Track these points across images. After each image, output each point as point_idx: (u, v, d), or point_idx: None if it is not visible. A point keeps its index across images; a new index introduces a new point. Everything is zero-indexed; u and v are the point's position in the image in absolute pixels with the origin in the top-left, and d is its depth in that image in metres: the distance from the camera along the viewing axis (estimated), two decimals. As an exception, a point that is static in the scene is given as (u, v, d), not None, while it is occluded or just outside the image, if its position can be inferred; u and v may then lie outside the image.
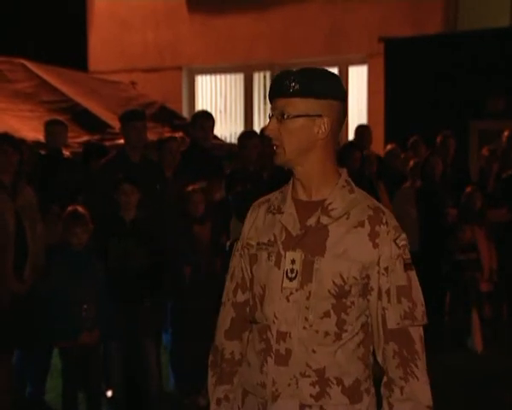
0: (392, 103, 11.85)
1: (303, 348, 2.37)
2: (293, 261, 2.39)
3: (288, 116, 2.37)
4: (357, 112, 13.64)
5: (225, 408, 2.58)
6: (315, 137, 2.39)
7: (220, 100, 15.16)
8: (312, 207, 2.43)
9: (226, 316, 2.61)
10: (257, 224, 2.54)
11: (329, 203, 2.41)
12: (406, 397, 2.35)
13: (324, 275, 2.35)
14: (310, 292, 2.36)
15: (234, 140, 13.11)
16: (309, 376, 2.37)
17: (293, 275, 2.38)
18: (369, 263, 2.36)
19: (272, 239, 2.45)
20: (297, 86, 2.35)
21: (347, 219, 2.39)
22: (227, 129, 14.52)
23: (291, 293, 2.38)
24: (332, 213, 2.40)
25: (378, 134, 10.99)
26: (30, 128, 8.32)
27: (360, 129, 8.82)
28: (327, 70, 2.46)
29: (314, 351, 2.36)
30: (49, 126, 7.22)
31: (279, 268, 2.41)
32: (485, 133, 11.28)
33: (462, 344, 7.43)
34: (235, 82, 14.98)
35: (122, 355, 5.69)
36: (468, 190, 7.70)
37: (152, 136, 7.17)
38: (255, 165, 6.93)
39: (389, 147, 8.81)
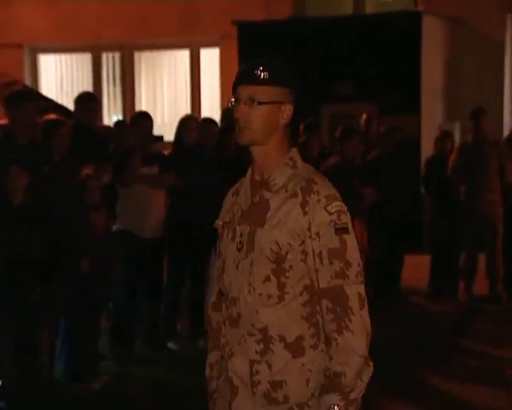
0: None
1: (248, 310, 2.65)
2: (241, 234, 2.69)
3: (258, 102, 2.66)
4: (210, 94, 13.74)
5: (216, 372, 2.87)
6: (279, 121, 2.69)
7: (66, 81, 14.75)
8: (262, 185, 2.71)
9: (213, 290, 2.93)
10: (225, 206, 2.85)
11: (272, 179, 2.68)
12: (340, 348, 2.55)
13: (263, 243, 2.62)
14: (252, 260, 2.65)
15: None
16: (254, 335, 2.64)
17: (241, 246, 2.68)
18: (300, 229, 2.59)
19: (232, 218, 2.76)
20: (266, 75, 2.66)
21: (286, 191, 2.64)
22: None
23: (239, 262, 2.68)
24: (273, 188, 2.67)
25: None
26: None
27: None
28: (284, 62, 2.75)
29: (257, 312, 2.63)
30: None
31: (234, 242, 2.72)
32: (334, 117, 11.70)
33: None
34: (81, 62, 14.65)
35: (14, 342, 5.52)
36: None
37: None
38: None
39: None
